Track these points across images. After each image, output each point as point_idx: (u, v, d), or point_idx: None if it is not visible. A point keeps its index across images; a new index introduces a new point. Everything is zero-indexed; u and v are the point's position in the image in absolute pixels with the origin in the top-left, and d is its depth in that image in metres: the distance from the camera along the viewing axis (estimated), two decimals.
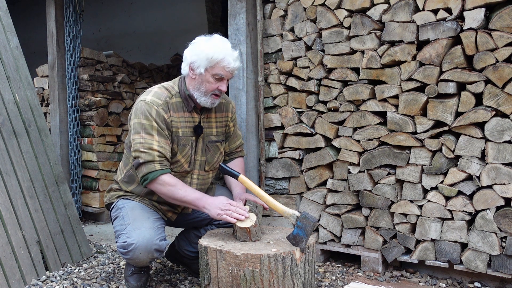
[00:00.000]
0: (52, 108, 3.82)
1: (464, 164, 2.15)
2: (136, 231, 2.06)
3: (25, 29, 6.04)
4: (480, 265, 2.14)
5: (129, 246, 2.04)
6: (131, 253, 2.05)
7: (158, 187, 2.07)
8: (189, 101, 2.18)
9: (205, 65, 2.09)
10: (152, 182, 2.06)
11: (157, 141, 2.07)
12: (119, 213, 2.23)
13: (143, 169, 2.05)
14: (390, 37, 2.30)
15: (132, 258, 2.07)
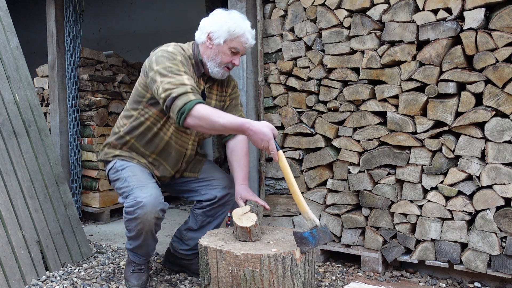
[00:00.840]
0: (52, 108, 3.82)
1: (464, 164, 2.15)
2: (143, 190, 2.10)
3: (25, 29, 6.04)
4: (480, 265, 2.14)
5: (138, 204, 2.06)
6: (139, 210, 2.06)
7: (194, 119, 1.93)
8: (200, 66, 2.19)
9: (225, 37, 2.09)
10: (190, 115, 1.92)
11: (187, 78, 2.00)
12: (120, 174, 2.24)
13: (178, 102, 1.92)
14: (390, 37, 2.30)
15: (139, 216, 2.08)
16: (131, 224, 2.16)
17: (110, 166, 2.33)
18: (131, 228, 2.18)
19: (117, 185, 2.26)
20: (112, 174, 2.29)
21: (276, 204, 2.74)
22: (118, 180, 2.24)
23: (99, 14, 6.22)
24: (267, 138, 1.87)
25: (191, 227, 2.40)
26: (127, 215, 2.16)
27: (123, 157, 2.30)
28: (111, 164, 2.32)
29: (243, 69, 2.69)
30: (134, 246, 2.27)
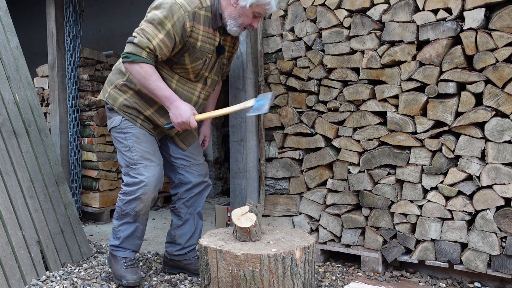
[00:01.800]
0: (52, 108, 3.82)
1: (464, 164, 2.15)
2: (147, 168, 2.24)
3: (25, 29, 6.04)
4: (480, 265, 2.14)
5: (141, 183, 2.21)
6: (141, 190, 2.22)
7: (136, 68, 2.10)
8: (218, 19, 2.21)
9: (252, 2, 2.14)
10: (132, 63, 2.10)
11: (160, 40, 2.09)
12: (123, 139, 2.30)
13: (131, 48, 2.08)
14: (390, 37, 2.30)
15: (140, 196, 2.22)
16: (129, 206, 2.25)
17: (115, 121, 2.32)
18: (128, 210, 2.26)
19: (120, 148, 2.32)
20: (116, 132, 2.32)
21: (276, 204, 2.74)
22: (122, 144, 2.30)
23: (99, 14, 6.22)
24: (186, 115, 2.12)
25: (176, 224, 2.49)
26: (126, 196, 2.26)
27: (129, 113, 2.29)
28: (116, 119, 2.31)
29: (243, 69, 2.69)
30: (126, 235, 2.32)
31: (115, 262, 2.34)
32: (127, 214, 2.29)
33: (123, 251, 2.35)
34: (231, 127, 2.76)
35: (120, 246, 2.34)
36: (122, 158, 2.31)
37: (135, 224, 2.32)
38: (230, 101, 2.75)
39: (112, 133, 2.36)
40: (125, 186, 2.29)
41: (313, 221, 2.63)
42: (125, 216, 2.30)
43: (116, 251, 2.35)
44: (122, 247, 2.34)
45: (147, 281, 2.40)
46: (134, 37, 2.10)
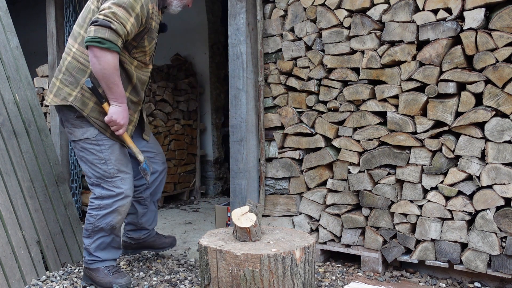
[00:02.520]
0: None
1: (464, 164, 2.15)
2: (123, 181, 2.23)
3: (25, 29, 6.04)
4: (480, 265, 2.14)
5: (119, 195, 2.21)
6: (119, 202, 2.21)
7: (109, 57, 2.01)
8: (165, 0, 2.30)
9: None
10: (106, 50, 2.00)
11: (131, 24, 2.06)
12: (98, 152, 2.19)
13: (108, 34, 1.98)
14: (390, 37, 2.30)
15: (118, 207, 2.22)
16: (104, 220, 2.22)
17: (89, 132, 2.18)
18: (102, 225, 2.23)
19: (92, 160, 2.20)
20: (90, 144, 2.19)
21: (276, 204, 2.74)
22: (96, 156, 2.19)
23: None
24: (126, 121, 2.16)
25: (142, 213, 2.56)
26: (100, 210, 2.21)
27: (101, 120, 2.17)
28: (90, 130, 2.18)
29: (243, 69, 2.69)
30: (102, 248, 2.28)
31: (97, 274, 2.26)
32: (101, 229, 2.24)
33: (104, 261, 2.29)
34: (231, 127, 2.76)
35: (98, 259, 2.28)
36: (94, 170, 2.21)
37: (110, 236, 2.29)
38: (230, 100, 2.75)
39: (82, 144, 2.20)
40: (97, 199, 2.22)
41: (313, 221, 2.63)
42: (98, 232, 2.24)
43: (95, 264, 2.28)
44: (101, 259, 2.28)
45: (147, 281, 2.41)
46: (108, 21, 1.98)
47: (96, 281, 2.28)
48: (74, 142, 2.25)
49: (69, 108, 2.18)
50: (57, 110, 2.29)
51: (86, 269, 2.32)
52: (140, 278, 2.45)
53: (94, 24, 2.00)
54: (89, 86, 2.10)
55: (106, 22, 1.98)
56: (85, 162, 2.24)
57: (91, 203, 2.26)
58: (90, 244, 2.27)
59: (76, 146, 2.25)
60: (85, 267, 2.33)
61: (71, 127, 2.22)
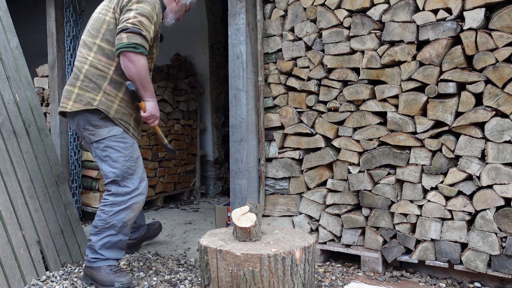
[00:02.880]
0: (52, 108, 3.82)
1: (464, 164, 2.15)
2: (140, 179, 2.36)
3: (25, 29, 6.04)
4: (480, 265, 2.14)
5: (134, 191, 2.32)
6: (134, 199, 2.32)
7: (142, 61, 2.21)
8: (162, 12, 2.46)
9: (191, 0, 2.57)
10: (141, 55, 2.20)
11: (153, 31, 2.28)
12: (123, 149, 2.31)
13: (140, 40, 2.18)
14: (390, 37, 2.30)
15: (133, 204, 2.32)
16: (117, 217, 2.29)
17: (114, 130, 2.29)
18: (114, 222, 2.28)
19: (117, 157, 2.30)
20: (115, 142, 2.30)
21: (276, 204, 2.74)
22: (121, 154, 2.31)
23: None
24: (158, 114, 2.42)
25: None
26: (114, 207, 2.29)
27: (125, 121, 2.33)
28: (115, 128, 2.30)
29: (243, 69, 2.69)
30: (108, 247, 2.31)
31: (98, 272, 2.28)
32: (112, 226, 2.28)
33: (107, 260, 2.31)
34: (231, 127, 2.76)
35: (102, 258, 2.30)
36: (116, 168, 2.29)
37: (118, 237, 2.32)
38: (230, 100, 2.75)
39: (107, 142, 2.29)
40: (112, 196, 2.29)
41: (313, 221, 2.63)
42: (108, 229, 2.28)
43: (98, 262, 2.30)
44: (105, 257, 2.31)
45: (147, 281, 2.41)
46: (138, 28, 2.18)
47: (97, 279, 2.28)
48: (97, 142, 2.31)
49: (91, 111, 2.28)
50: (72, 116, 2.35)
51: (87, 268, 2.32)
52: (140, 278, 2.46)
53: (125, 32, 2.17)
54: (133, 88, 2.28)
55: (136, 29, 2.18)
56: (107, 161, 2.31)
57: (104, 199, 2.32)
58: (96, 241, 2.30)
59: (99, 146, 2.32)
60: (86, 266, 2.33)
61: (94, 129, 2.30)
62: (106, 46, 2.30)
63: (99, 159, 2.34)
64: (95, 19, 2.37)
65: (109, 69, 2.29)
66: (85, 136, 2.36)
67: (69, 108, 2.31)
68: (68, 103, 2.31)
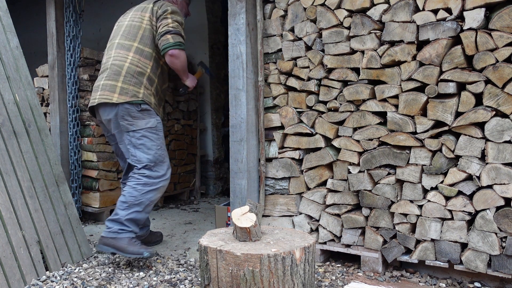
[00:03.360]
0: (52, 108, 3.82)
1: (464, 164, 2.15)
2: (169, 169, 2.76)
3: (25, 29, 6.04)
4: (480, 265, 2.14)
5: (163, 176, 2.70)
6: (162, 182, 2.70)
7: (183, 54, 2.75)
8: None
9: None
10: (182, 50, 2.73)
11: None
12: (157, 139, 2.71)
13: (181, 38, 2.72)
14: (390, 37, 2.30)
15: (161, 186, 2.69)
16: (147, 196, 2.62)
17: (151, 122, 2.68)
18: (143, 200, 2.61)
19: (151, 146, 2.67)
20: (150, 132, 2.68)
21: (276, 204, 2.74)
22: (155, 143, 2.69)
23: (99, 14, 6.22)
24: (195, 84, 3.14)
25: None
26: (146, 186, 2.62)
27: (158, 112, 2.77)
28: (152, 120, 2.69)
29: (243, 69, 2.69)
30: (135, 220, 2.60)
31: (124, 242, 2.55)
32: (141, 203, 2.60)
33: (131, 232, 2.60)
34: (231, 127, 2.76)
35: (128, 229, 2.59)
36: (150, 155, 2.66)
37: (141, 214, 2.64)
38: (230, 100, 2.75)
39: (144, 132, 2.67)
40: (146, 178, 2.64)
41: (313, 221, 2.63)
42: (137, 205, 2.60)
43: (124, 233, 2.57)
44: (130, 230, 2.60)
45: (147, 281, 2.41)
46: (178, 30, 2.70)
47: (124, 248, 2.54)
48: (134, 132, 2.67)
49: (132, 104, 2.65)
50: (111, 107, 2.67)
51: (110, 239, 2.56)
52: (140, 278, 2.46)
53: (169, 33, 2.67)
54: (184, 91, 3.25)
55: (177, 30, 2.70)
56: (142, 148, 2.67)
57: (138, 179, 2.64)
58: (124, 215, 2.58)
59: (136, 135, 2.67)
60: (107, 237, 2.56)
61: (132, 120, 2.66)
62: (143, 48, 2.73)
63: (132, 146, 2.67)
64: (129, 25, 2.79)
65: (147, 67, 2.73)
66: (122, 125, 2.67)
67: (115, 100, 2.64)
68: (113, 95, 2.64)
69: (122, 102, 2.61)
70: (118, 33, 2.81)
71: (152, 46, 2.74)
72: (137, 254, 2.52)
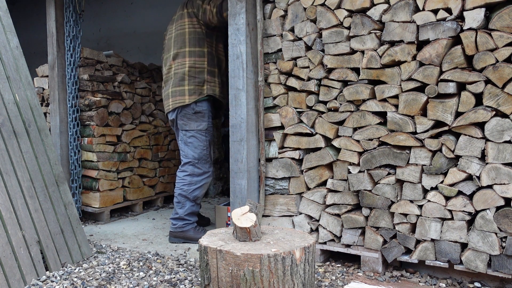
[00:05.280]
0: (52, 108, 3.82)
1: (464, 164, 2.15)
2: (210, 165, 3.20)
3: (25, 29, 6.04)
4: (480, 265, 2.14)
5: (206, 173, 3.17)
6: (206, 179, 3.17)
7: None
8: None
9: None
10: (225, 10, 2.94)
11: None
12: (204, 141, 3.13)
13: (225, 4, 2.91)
14: (390, 37, 2.30)
15: (205, 183, 3.18)
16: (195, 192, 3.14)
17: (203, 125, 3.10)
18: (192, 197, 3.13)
19: (198, 145, 3.11)
20: (201, 134, 3.12)
21: (276, 204, 2.74)
22: (202, 144, 3.12)
23: (99, 14, 6.22)
24: None
25: None
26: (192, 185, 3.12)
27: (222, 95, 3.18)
28: (203, 124, 3.10)
29: (243, 69, 2.69)
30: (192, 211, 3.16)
31: (190, 233, 3.14)
32: (191, 200, 3.14)
33: (192, 224, 3.18)
34: (231, 127, 2.76)
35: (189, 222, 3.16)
36: (196, 153, 3.11)
37: (195, 207, 3.18)
38: (230, 100, 2.75)
39: (194, 133, 3.10)
40: (189, 176, 3.12)
41: (313, 221, 2.63)
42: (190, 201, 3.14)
43: (187, 226, 3.15)
44: (191, 221, 3.17)
45: (147, 281, 2.41)
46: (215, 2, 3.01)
47: (191, 237, 3.14)
48: (187, 131, 3.12)
49: (187, 106, 3.07)
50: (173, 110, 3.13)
51: (178, 233, 3.16)
52: (140, 278, 2.46)
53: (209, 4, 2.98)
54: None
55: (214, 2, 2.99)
56: (190, 146, 3.12)
57: (183, 179, 3.14)
58: (183, 213, 3.14)
59: (187, 134, 3.13)
60: (175, 231, 3.17)
61: (187, 121, 3.11)
62: (194, 49, 3.07)
63: (183, 142, 3.15)
64: (176, 36, 3.12)
65: (203, 63, 3.08)
66: (179, 124, 3.13)
67: (187, 101, 3.07)
68: (185, 98, 3.07)
69: (193, 101, 3.06)
70: (170, 45, 3.17)
71: (201, 44, 3.08)
72: (195, 241, 3.11)
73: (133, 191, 4.14)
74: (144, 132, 4.25)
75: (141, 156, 4.22)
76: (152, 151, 4.35)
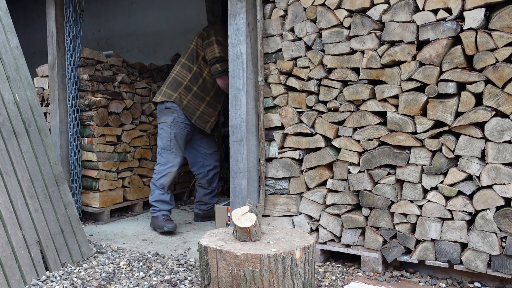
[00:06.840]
0: (52, 108, 3.82)
1: (464, 164, 2.16)
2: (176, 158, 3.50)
3: (25, 29, 6.04)
4: (480, 265, 2.14)
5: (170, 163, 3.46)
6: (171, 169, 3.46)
7: (227, 78, 3.14)
8: None
9: None
10: (227, 74, 3.07)
11: None
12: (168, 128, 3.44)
13: (226, 64, 3.14)
14: (390, 37, 2.30)
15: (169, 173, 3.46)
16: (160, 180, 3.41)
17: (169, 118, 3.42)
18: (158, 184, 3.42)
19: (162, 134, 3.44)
20: (167, 126, 3.43)
21: (276, 204, 2.74)
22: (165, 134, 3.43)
23: (99, 14, 6.22)
24: None
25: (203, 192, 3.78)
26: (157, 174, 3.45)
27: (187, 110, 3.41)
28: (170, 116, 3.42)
29: (243, 69, 2.69)
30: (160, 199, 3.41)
31: (156, 220, 3.42)
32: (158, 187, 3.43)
33: (160, 211, 3.42)
34: (231, 127, 2.76)
35: (157, 209, 3.43)
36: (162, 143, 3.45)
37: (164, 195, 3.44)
38: (230, 100, 2.75)
39: (163, 126, 3.46)
40: (157, 166, 3.47)
41: (313, 221, 2.63)
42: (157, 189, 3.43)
43: (155, 213, 3.44)
44: (159, 209, 3.42)
45: (147, 281, 2.41)
46: (223, 56, 3.27)
47: (156, 224, 3.43)
48: (159, 123, 3.49)
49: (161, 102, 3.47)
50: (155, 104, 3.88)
51: (151, 218, 3.49)
52: (140, 278, 2.46)
53: (218, 62, 3.33)
54: None
55: (223, 58, 3.27)
56: (159, 137, 3.47)
57: (154, 169, 3.49)
58: (152, 200, 3.45)
59: (159, 126, 3.50)
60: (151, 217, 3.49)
61: (160, 114, 3.47)
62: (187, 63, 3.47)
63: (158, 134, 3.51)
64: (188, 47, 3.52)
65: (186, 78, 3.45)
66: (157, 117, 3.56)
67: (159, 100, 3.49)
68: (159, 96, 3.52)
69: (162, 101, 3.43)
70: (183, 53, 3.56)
71: (193, 61, 3.44)
72: (159, 228, 3.37)
73: (133, 191, 4.14)
74: (144, 132, 4.25)
75: (141, 156, 4.22)
76: (152, 151, 4.34)
